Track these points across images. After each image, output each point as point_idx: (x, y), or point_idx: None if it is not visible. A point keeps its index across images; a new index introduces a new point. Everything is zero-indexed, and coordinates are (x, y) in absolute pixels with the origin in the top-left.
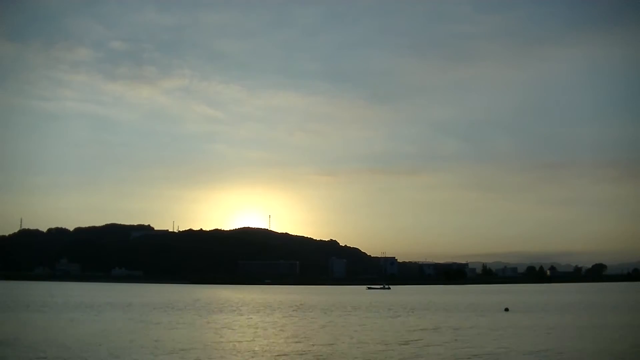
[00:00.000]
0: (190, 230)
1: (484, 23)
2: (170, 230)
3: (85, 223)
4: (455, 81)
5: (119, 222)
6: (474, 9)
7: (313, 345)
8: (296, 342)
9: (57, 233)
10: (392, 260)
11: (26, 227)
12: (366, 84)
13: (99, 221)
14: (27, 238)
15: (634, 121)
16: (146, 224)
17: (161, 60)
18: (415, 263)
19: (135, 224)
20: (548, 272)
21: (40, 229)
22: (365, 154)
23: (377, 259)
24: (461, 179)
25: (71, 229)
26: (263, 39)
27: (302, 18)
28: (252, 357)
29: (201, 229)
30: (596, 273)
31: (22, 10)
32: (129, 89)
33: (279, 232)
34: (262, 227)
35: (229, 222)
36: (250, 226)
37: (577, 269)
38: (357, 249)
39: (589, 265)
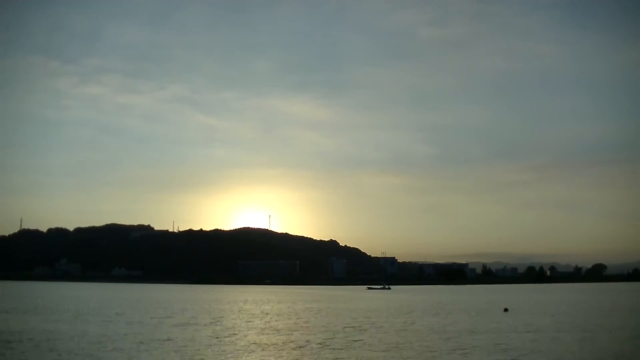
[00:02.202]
0: (190, 230)
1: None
2: (170, 230)
3: (85, 223)
4: (441, 87)
5: (119, 222)
6: (439, 20)
7: None
8: None
9: (57, 233)
10: (392, 260)
11: (26, 227)
12: (351, 94)
13: (99, 221)
14: (27, 238)
15: (632, 120)
16: (146, 224)
17: (157, 73)
18: (415, 263)
19: (135, 224)
20: (548, 272)
21: (40, 229)
22: (362, 156)
23: (377, 259)
24: (460, 180)
25: (71, 229)
26: (250, 56)
27: (285, 36)
28: None
29: (201, 229)
30: (596, 273)
31: (25, 28)
32: (127, 99)
33: (279, 232)
34: (262, 227)
35: (229, 222)
36: (250, 226)
37: (577, 269)
38: (357, 249)
39: (589, 265)
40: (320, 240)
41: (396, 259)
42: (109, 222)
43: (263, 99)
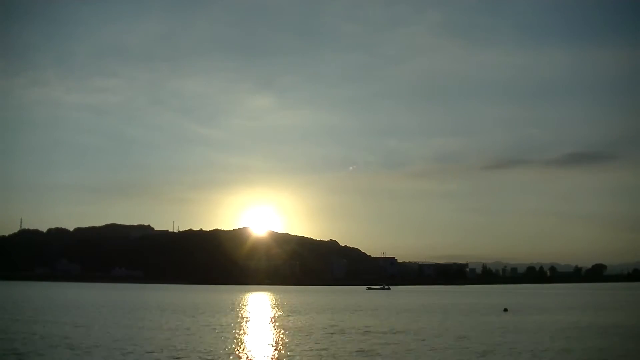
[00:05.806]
0: (190, 230)
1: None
2: (170, 230)
3: (85, 223)
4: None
5: (119, 222)
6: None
7: None
8: None
9: (57, 233)
10: (392, 261)
11: (26, 227)
12: (341, 100)
13: (99, 221)
14: (27, 238)
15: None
16: (146, 224)
17: (157, 88)
18: (415, 263)
19: (135, 224)
20: (548, 272)
21: (40, 229)
22: (361, 156)
23: (377, 259)
24: (458, 181)
25: (71, 229)
26: (245, 72)
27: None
28: None
29: (201, 229)
30: (596, 273)
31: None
32: (126, 108)
33: (279, 232)
34: (262, 227)
35: (229, 222)
36: (250, 226)
37: (577, 269)
38: (357, 249)
39: (589, 265)
40: (320, 240)
41: (396, 259)
42: (109, 222)
43: (255, 106)
